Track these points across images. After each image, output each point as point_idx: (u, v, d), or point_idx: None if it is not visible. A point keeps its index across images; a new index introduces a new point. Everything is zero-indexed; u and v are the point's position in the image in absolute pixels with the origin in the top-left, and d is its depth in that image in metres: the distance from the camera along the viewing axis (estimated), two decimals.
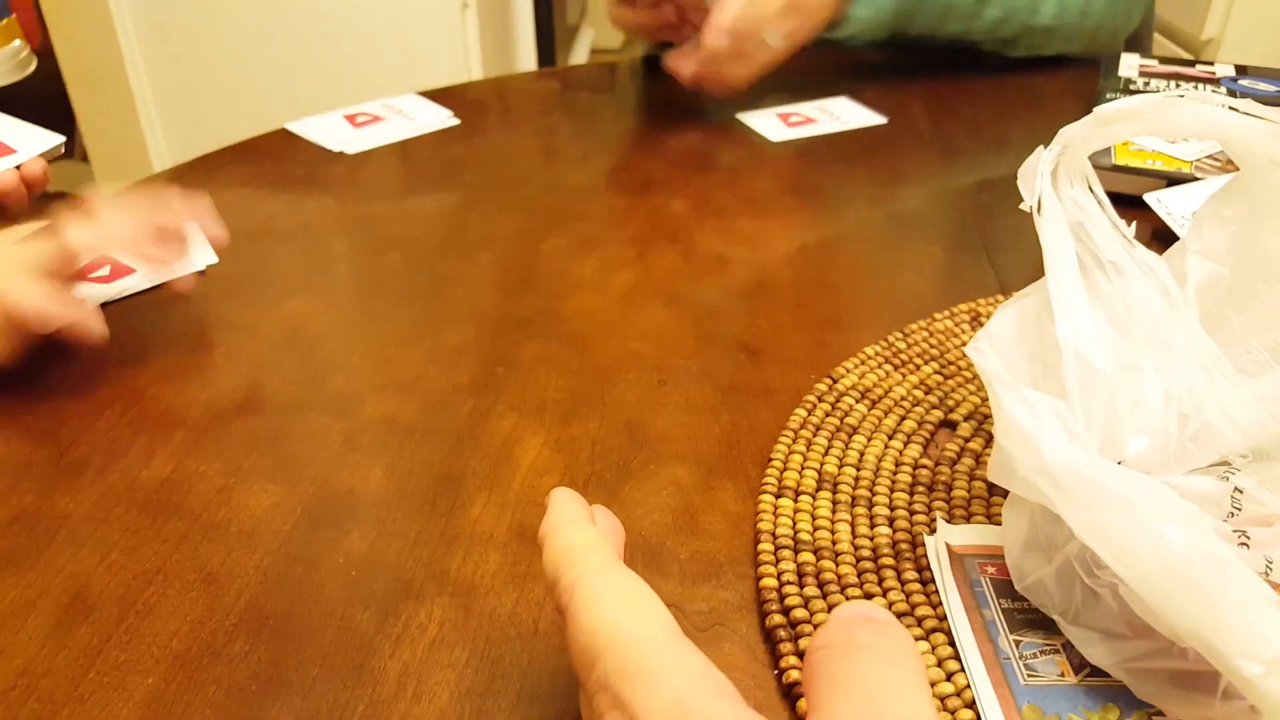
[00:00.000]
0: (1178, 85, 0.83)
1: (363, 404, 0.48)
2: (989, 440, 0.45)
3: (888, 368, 0.50)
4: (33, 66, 2.18)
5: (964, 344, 0.52)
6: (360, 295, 0.59)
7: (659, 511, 0.42)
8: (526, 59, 2.56)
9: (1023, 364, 0.39)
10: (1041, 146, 0.40)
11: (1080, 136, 0.41)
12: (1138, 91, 0.81)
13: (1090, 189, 0.42)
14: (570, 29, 2.62)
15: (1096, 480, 0.31)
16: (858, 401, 0.48)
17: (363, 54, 2.02)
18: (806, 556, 0.38)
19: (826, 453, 0.44)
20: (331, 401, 0.48)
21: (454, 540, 0.40)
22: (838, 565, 0.38)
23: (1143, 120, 0.42)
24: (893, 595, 0.37)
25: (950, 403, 0.48)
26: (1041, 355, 0.39)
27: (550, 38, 2.57)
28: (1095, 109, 0.41)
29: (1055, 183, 0.41)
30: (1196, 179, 0.68)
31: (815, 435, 0.45)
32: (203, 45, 1.96)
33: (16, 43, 2.18)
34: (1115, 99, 0.40)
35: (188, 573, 0.38)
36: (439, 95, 0.89)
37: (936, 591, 0.37)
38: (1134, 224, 0.43)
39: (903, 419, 0.47)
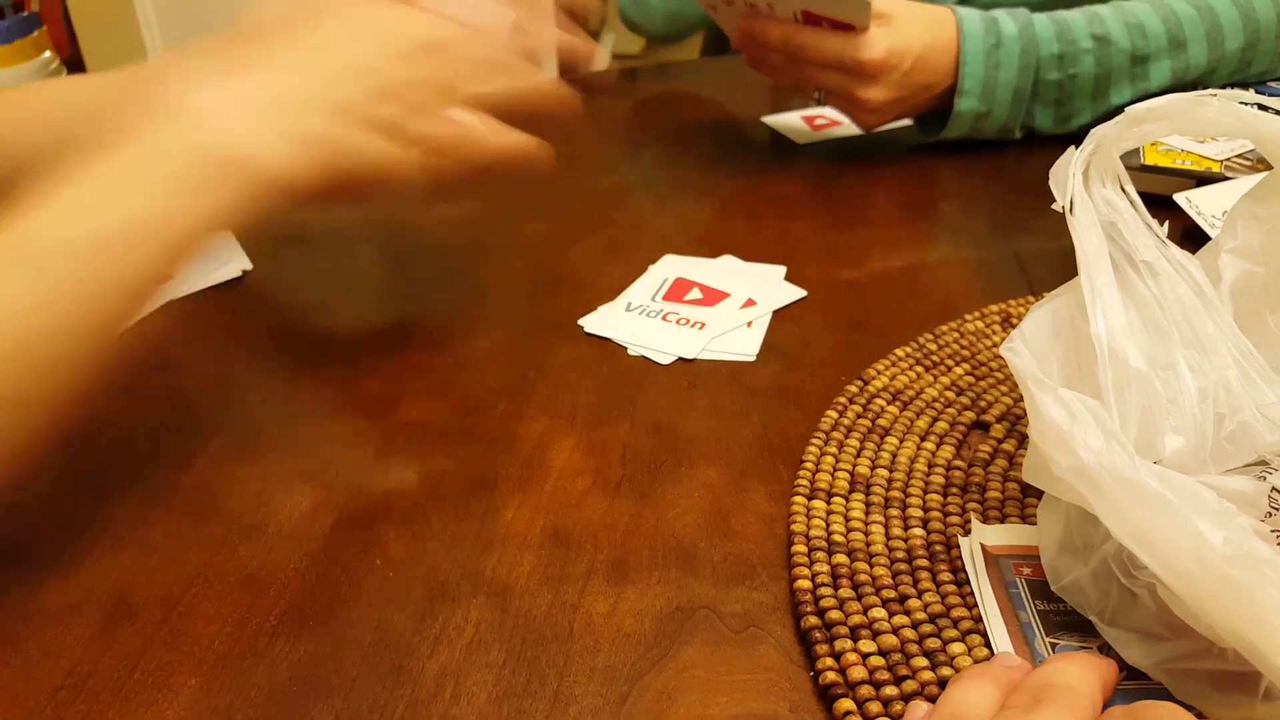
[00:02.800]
0: None
1: (396, 408, 0.49)
2: (1022, 441, 0.45)
3: (919, 369, 0.50)
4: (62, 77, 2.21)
5: (995, 345, 0.52)
6: (392, 301, 0.59)
7: (691, 514, 0.42)
8: (548, 66, 2.56)
9: (1057, 364, 0.39)
10: (1073, 147, 0.40)
11: (1111, 136, 0.41)
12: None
13: (1122, 189, 0.42)
14: (591, 35, 2.62)
15: (1134, 480, 0.31)
16: (889, 403, 0.48)
17: None
18: (840, 558, 0.38)
19: (858, 454, 0.44)
20: (366, 405, 0.49)
21: (489, 542, 0.40)
22: (872, 567, 0.38)
23: (1174, 120, 0.42)
24: (928, 597, 0.37)
25: (982, 404, 0.48)
26: (1075, 355, 0.39)
27: None
28: (1126, 109, 0.41)
29: (1087, 183, 0.41)
30: (1226, 178, 0.68)
31: (847, 437, 0.45)
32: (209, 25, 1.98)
33: (46, 54, 2.22)
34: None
35: (228, 574, 0.39)
36: None
37: (972, 593, 0.37)
38: (1166, 223, 0.43)
39: (935, 420, 0.47)
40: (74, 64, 2.16)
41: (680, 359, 0.52)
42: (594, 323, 0.56)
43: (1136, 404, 0.37)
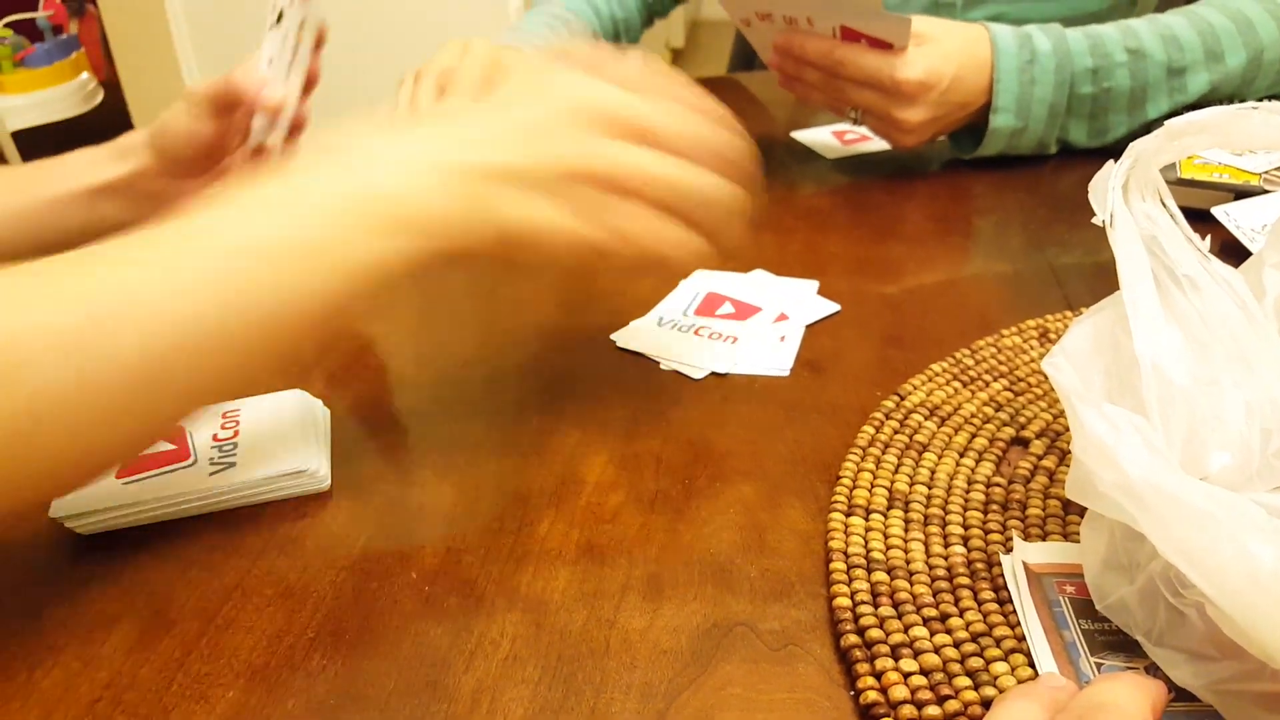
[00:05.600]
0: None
1: (431, 422, 0.49)
2: (1063, 457, 0.45)
3: (956, 384, 0.50)
4: (99, 99, 2.25)
5: (1033, 360, 0.52)
6: (425, 317, 0.60)
7: (727, 530, 0.41)
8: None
9: (1099, 379, 0.38)
10: (1111, 161, 0.40)
11: (1151, 150, 0.41)
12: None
13: (1162, 203, 0.42)
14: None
15: (1180, 496, 0.31)
16: (926, 419, 0.47)
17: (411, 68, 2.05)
18: (880, 576, 0.38)
19: (896, 470, 0.44)
20: (400, 419, 0.49)
21: (523, 557, 0.40)
22: (912, 585, 0.38)
23: (1214, 133, 0.41)
24: (969, 615, 0.36)
25: (1021, 419, 0.47)
26: (1117, 371, 0.38)
27: None
28: (1166, 122, 0.40)
29: (1126, 197, 0.41)
30: (1265, 191, 0.67)
31: (884, 453, 0.45)
32: None
33: (84, 75, 2.26)
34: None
35: (265, 587, 0.39)
36: None
37: (1014, 612, 0.36)
38: (1208, 237, 0.43)
39: (973, 436, 0.46)
40: (111, 86, 2.20)
41: (713, 373, 0.52)
42: (626, 337, 0.56)
43: (1181, 420, 0.37)
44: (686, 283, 0.61)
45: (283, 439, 0.44)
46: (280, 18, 0.63)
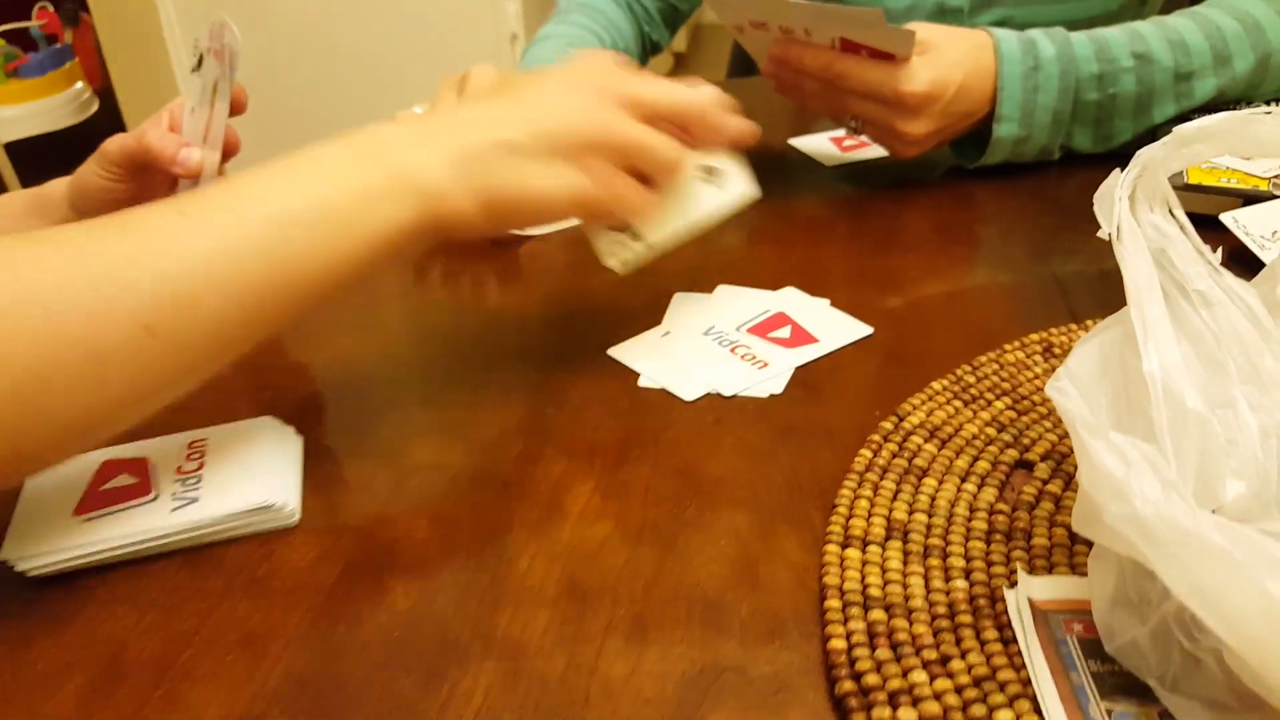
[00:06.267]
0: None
1: (409, 449, 0.47)
2: (1068, 482, 0.42)
3: (957, 404, 0.48)
4: (94, 108, 2.24)
5: (1037, 377, 0.50)
6: (407, 334, 0.58)
7: (717, 563, 0.39)
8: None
9: (1106, 403, 0.36)
10: (1117, 170, 0.38)
11: (1159, 158, 0.39)
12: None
13: (1171, 213, 0.40)
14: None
15: (1195, 533, 0.29)
16: (926, 441, 0.45)
17: (411, 84, 2.04)
18: (878, 615, 0.36)
19: (895, 497, 0.42)
20: (376, 446, 0.47)
21: (501, 596, 0.38)
22: (911, 624, 0.35)
23: (1224, 139, 0.39)
24: (972, 658, 0.34)
25: (1025, 441, 0.45)
26: (1126, 393, 0.36)
27: None
28: (1175, 128, 0.38)
29: (1134, 207, 0.38)
30: (1275, 196, 0.65)
31: (882, 478, 0.43)
32: (255, 85, 2.00)
33: (79, 85, 2.24)
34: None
35: (227, 633, 0.37)
36: None
37: (1019, 652, 0.34)
38: (1220, 249, 0.41)
39: (975, 459, 0.44)
40: (106, 95, 2.19)
41: (706, 394, 0.50)
42: (624, 353, 0.54)
43: (1194, 446, 0.35)
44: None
45: (250, 471, 0.42)
46: (200, 63, 0.59)
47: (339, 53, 2.06)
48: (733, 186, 0.53)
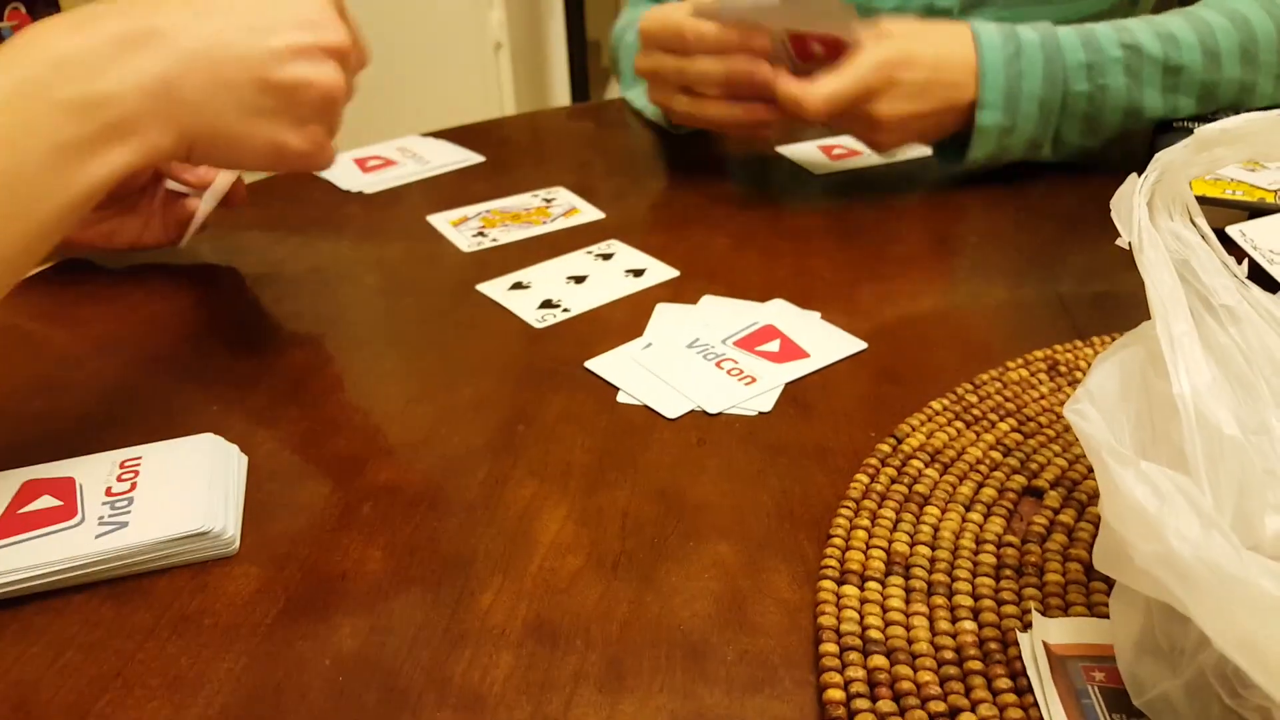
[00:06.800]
0: None
1: (364, 469, 0.43)
2: (1082, 511, 0.39)
3: (959, 425, 0.44)
4: None
5: (1043, 397, 0.46)
6: (371, 344, 0.54)
7: (701, 600, 0.36)
8: (560, 98, 2.54)
9: (1129, 427, 0.33)
10: (1134, 174, 0.35)
11: (1179, 162, 0.35)
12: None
13: (1192, 221, 0.37)
14: (604, 69, 2.60)
15: (1243, 578, 0.25)
16: (927, 465, 0.42)
17: (395, 94, 2.00)
18: (878, 660, 0.32)
19: (894, 528, 0.38)
20: (330, 466, 0.43)
21: (460, 637, 0.34)
22: (916, 671, 0.32)
23: (1250, 142, 0.36)
24: (983, 710, 0.31)
25: (1033, 466, 0.42)
26: (1149, 417, 0.33)
27: (585, 77, 2.55)
28: (1196, 130, 0.35)
29: (1152, 215, 0.35)
30: None
31: (880, 506, 0.39)
32: None
33: None
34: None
35: (151, 676, 0.33)
36: (470, 133, 0.85)
37: (1035, 704, 0.31)
38: (1245, 261, 0.38)
39: (980, 486, 0.40)
40: None
41: (689, 411, 0.46)
42: (602, 366, 0.50)
43: (1230, 477, 0.31)
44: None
45: (186, 493, 0.38)
46: None
47: None
48: None
